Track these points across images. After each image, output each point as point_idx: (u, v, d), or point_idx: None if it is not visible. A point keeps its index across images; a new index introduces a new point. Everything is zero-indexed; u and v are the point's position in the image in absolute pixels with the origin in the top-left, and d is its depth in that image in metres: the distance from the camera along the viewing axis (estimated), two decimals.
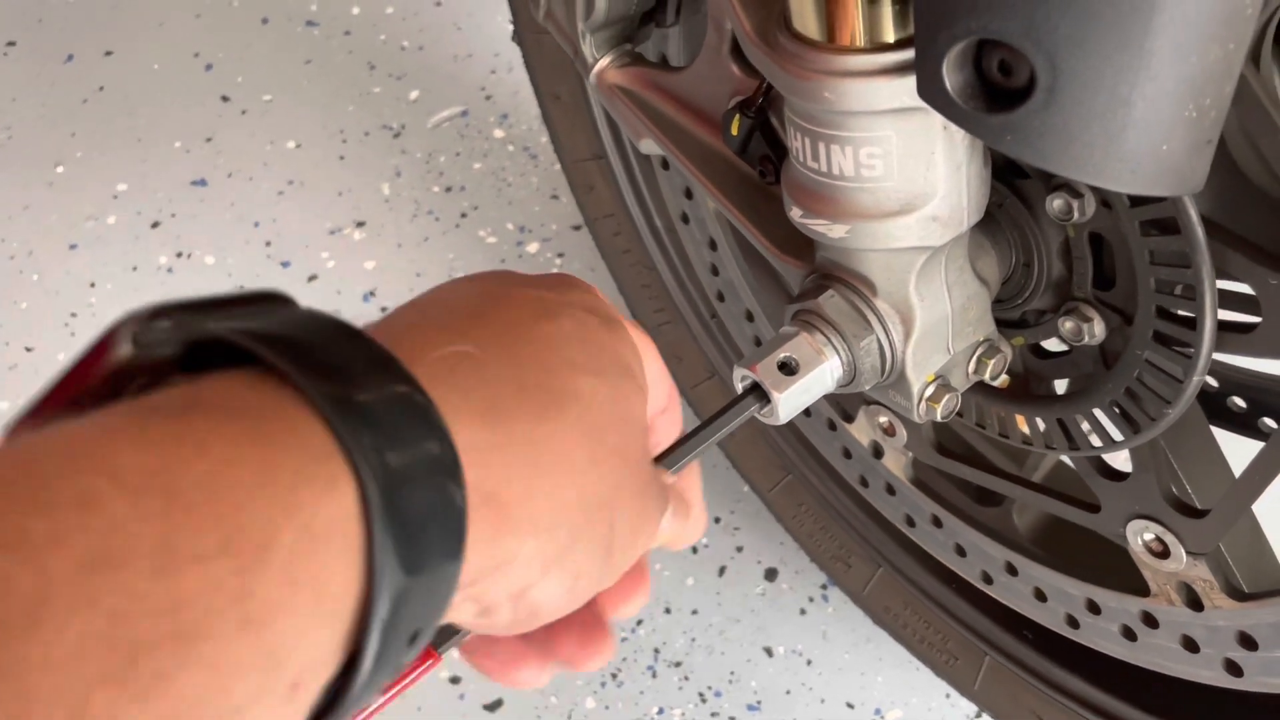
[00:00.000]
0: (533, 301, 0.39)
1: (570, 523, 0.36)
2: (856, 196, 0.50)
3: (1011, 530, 0.75)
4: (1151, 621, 0.66)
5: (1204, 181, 0.43)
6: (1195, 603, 0.62)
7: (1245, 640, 0.61)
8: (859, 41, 0.46)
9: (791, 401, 0.54)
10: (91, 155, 1.46)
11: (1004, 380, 0.65)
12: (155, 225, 1.39)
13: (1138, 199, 0.51)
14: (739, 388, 0.54)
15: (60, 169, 1.45)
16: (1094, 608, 0.69)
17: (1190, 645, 0.64)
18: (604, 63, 0.68)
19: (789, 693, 1.00)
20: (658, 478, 0.43)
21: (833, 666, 1.01)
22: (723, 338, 0.93)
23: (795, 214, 0.53)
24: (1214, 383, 0.79)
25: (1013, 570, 0.74)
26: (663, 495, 0.43)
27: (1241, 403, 0.79)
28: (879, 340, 0.55)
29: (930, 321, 0.55)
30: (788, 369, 0.54)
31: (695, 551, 1.08)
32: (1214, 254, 0.50)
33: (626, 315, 0.49)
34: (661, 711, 0.99)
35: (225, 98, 1.51)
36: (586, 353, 0.39)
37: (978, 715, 0.97)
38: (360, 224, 1.36)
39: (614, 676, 1.01)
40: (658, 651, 1.02)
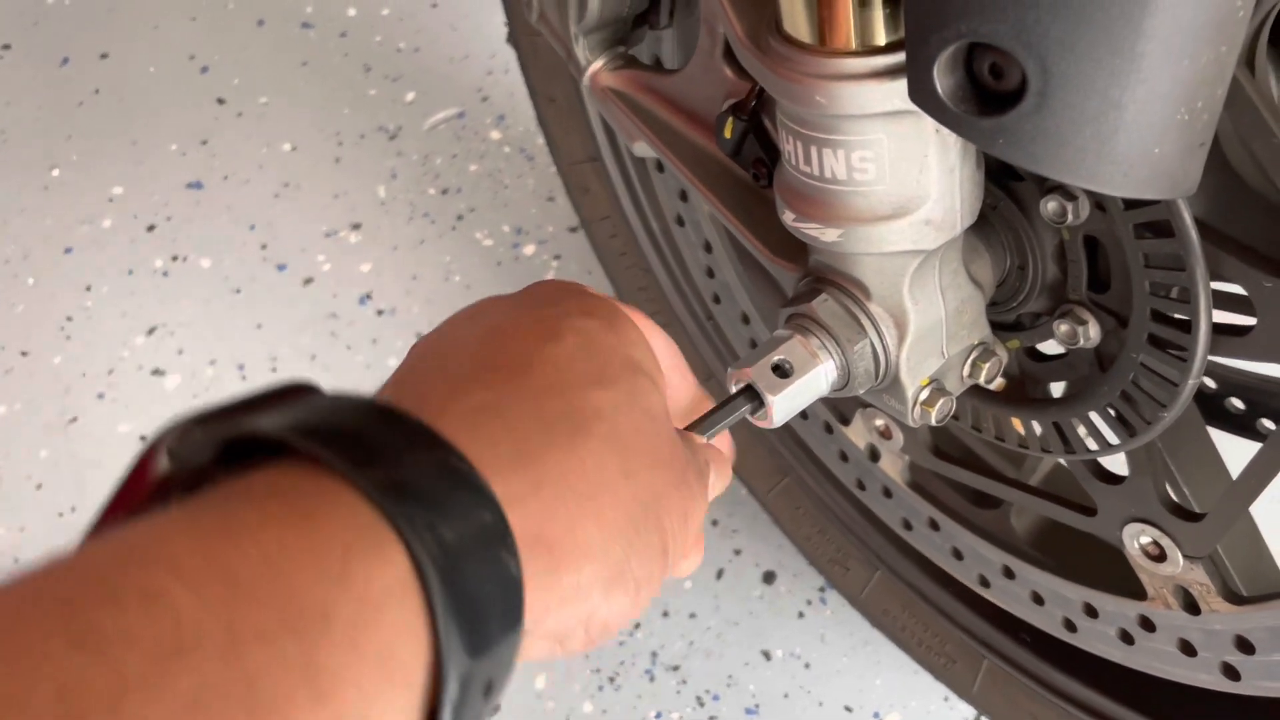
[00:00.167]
0: (534, 326, 0.40)
1: (621, 539, 0.37)
2: (849, 200, 0.50)
3: (1009, 533, 0.74)
4: (1148, 625, 0.65)
5: (1197, 184, 0.43)
6: (1192, 606, 0.62)
7: (1242, 644, 0.60)
8: (850, 44, 0.46)
9: (785, 405, 0.54)
10: (87, 158, 1.46)
11: (1000, 383, 0.65)
12: (151, 228, 1.38)
13: (1131, 202, 0.51)
14: (733, 390, 0.54)
15: (56, 172, 1.45)
16: (1091, 611, 0.69)
17: (1187, 649, 0.63)
18: (597, 65, 0.68)
19: (787, 696, 1.00)
20: (691, 450, 0.43)
21: (831, 669, 1.01)
22: (719, 340, 0.93)
23: (788, 218, 0.53)
24: (1212, 384, 0.79)
25: (1010, 574, 0.73)
26: (700, 464, 0.43)
27: (1240, 404, 0.78)
28: (873, 344, 0.54)
29: (924, 325, 0.55)
30: (781, 372, 0.54)
31: None
32: (1208, 257, 0.50)
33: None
34: (659, 715, 0.99)
35: (221, 100, 1.51)
36: (596, 364, 0.40)
37: (976, 718, 0.97)
38: (356, 226, 1.36)
39: (611, 680, 1.01)
40: (655, 655, 1.02)
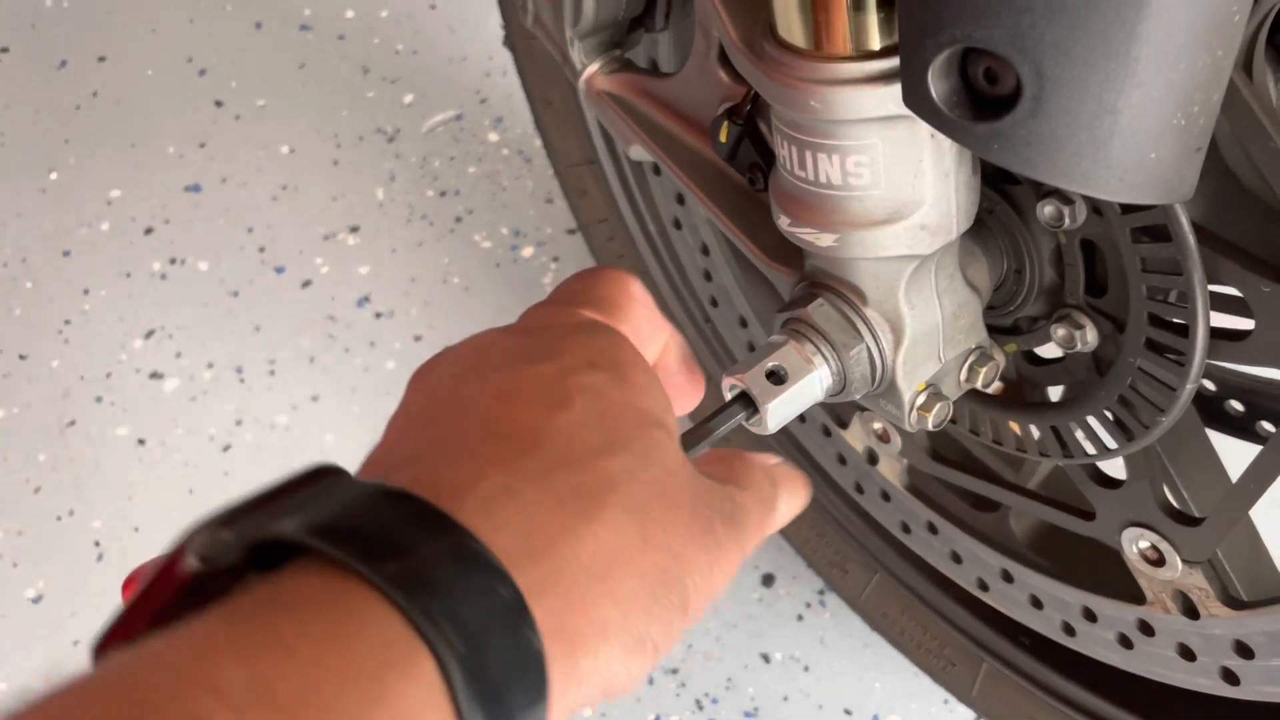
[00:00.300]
0: (543, 390, 0.39)
1: (640, 610, 0.36)
2: (844, 205, 0.50)
3: (1008, 536, 0.74)
4: (1148, 629, 0.65)
5: (1194, 189, 0.43)
6: (1191, 611, 0.62)
7: (1241, 649, 0.60)
8: (845, 49, 0.46)
9: (780, 411, 0.53)
10: (85, 161, 1.46)
11: (998, 387, 0.64)
12: (149, 231, 1.38)
13: (1128, 206, 0.51)
14: (727, 396, 0.54)
15: (54, 175, 1.45)
16: (1090, 615, 0.68)
17: (1187, 653, 0.63)
18: (592, 69, 0.67)
19: (786, 699, 1.00)
20: (721, 494, 0.42)
21: (830, 672, 1.01)
22: (717, 343, 0.93)
23: (783, 222, 0.53)
24: (1211, 386, 0.79)
25: (1008, 577, 0.73)
26: (730, 508, 0.42)
27: (1239, 406, 0.78)
28: (869, 349, 0.54)
29: (921, 330, 0.54)
30: (776, 378, 0.54)
31: None
32: (1206, 261, 0.50)
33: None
34: (658, 718, 0.98)
35: (219, 103, 1.51)
36: (606, 427, 0.39)
37: None
38: (354, 229, 1.36)
39: None
40: None
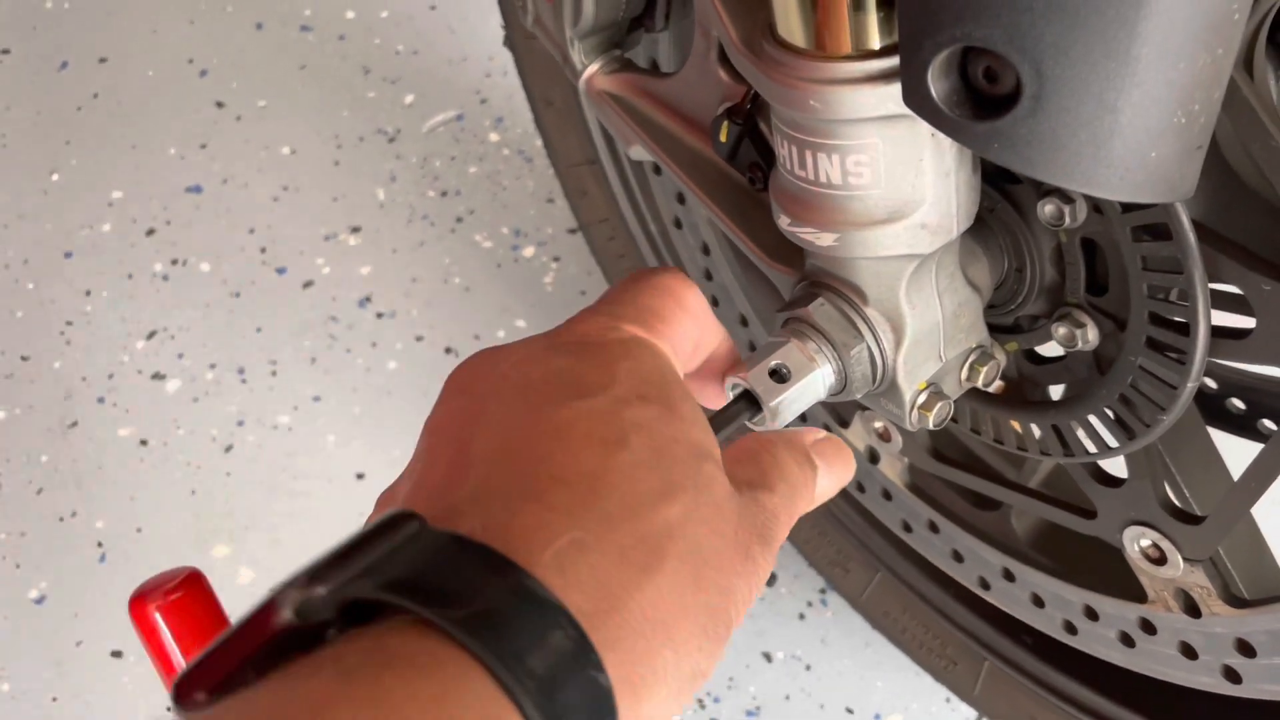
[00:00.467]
0: (594, 427, 0.39)
1: (695, 650, 0.37)
2: (844, 204, 0.50)
3: (1010, 535, 0.74)
4: (1149, 628, 0.65)
5: (1194, 188, 0.43)
6: (1193, 609, 0.62)
7: (1243, 647, 0.60)
8: (844, 49, 0.46)
9: (783, 409, 0.53)
10: (86, 162, 1.46)
11: (999, 386, 0.64)
12: (150, 232, 1.38)
13: (1129, 205, 0.50)
14: (730, 395, 0.54)
15: (55, 176, 1.45)
16: (1091, 614, 0.68)
17: (1188, 652, 0.63)
18: (593, 69, 0.67)
19: (788, 698, 1.00)
20: (754, 508, 0.42)
21: (832, 671, 1.01)
22: None
23: (784, 222, 0.53)
24: (1213, 384, 0.79)
25: (1010, 576, 0.73)
26: (762, 524, 0.42)
27: (1241, 404, 0.78)
28: (870, 348, 0.54)
29: (921, 329, 0.54)
30: (779, 376, 0.54)
31: None
32: (1207, 259, 0.50)
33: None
34: None
35: (220, 104, 1.51)
36: (662, 467, 0.39)
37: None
38: (355, 229, 1.36)
39: None
40: None
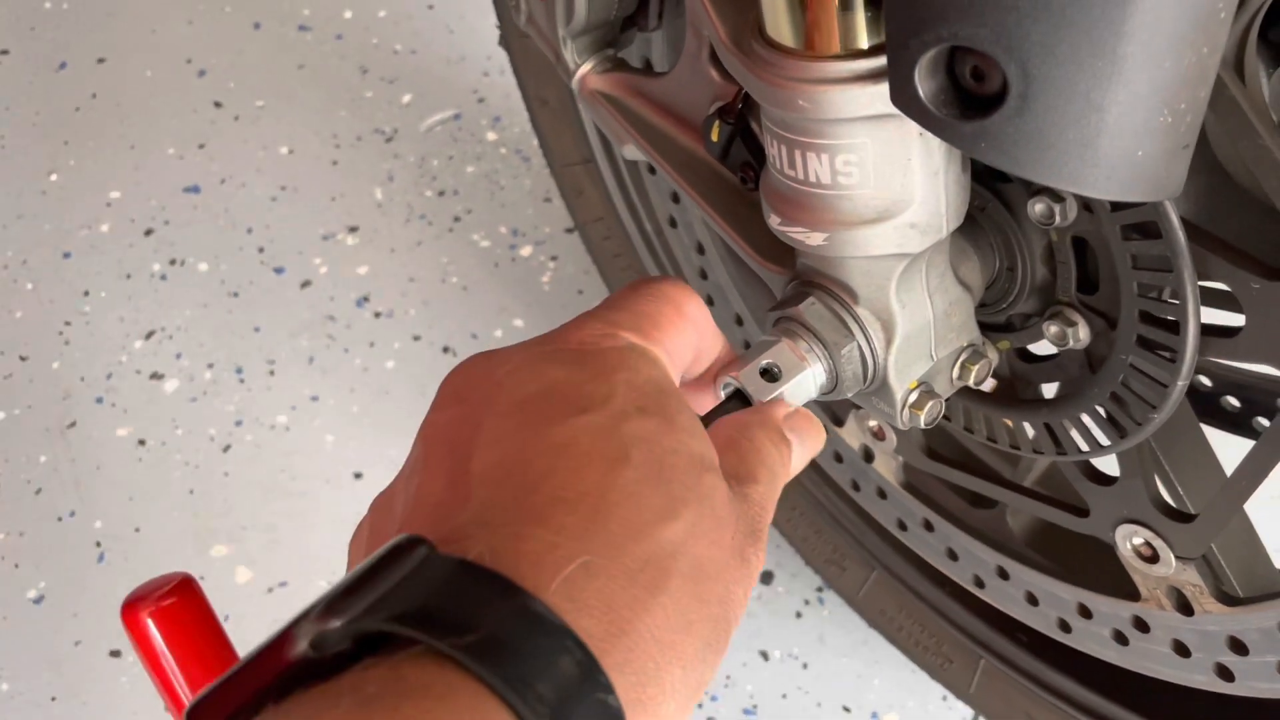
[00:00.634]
0: (596, 443, 0.39)
1: (699, 662, 0.38)
2: (834, 204, 0.50)
3: (1005, 533, 0.74)
4: (1142, 626, 0.65)
5: (1182, 186, 0.43)
6: (1186, 607, 0.62)
7: (1236, 645, 0.60)
8: (833, 48, 0.46)
9: None
10: (85, 163, 1.46)
11: (991, 384, 0.64)
12: (149, 232, 1.38)
13: (1118, 203, 0.51)
14: (721, 395, 0.54)
15: (54, 177, 1.45)
16: (1085, 612, 0.68)
17: (1181, 650, 0.63)
18: (585, 68, 0.67)
19: (785, 696, 1.00)
20: (743, 506, 0.43)
21: (829, 670, 1.01)
22: None
23: (774, 222, 0.53)
24: (1207, 382, 0.79)
25: (1004, 574, 0.73)
26: (751, 520, 0.43)
27: (1235, 402, 0.78)
28: (860, 347, 0.54)
29: (912, 328, 0.54)
30: (770, 376, 0.54)
31: None
32: (1196, 258, 0.50)
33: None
34: None
35: (218, 103, 1.51)
36: (664, 483, 0.39)
37: (974, 718, 0.97)
38: (353, 229, 1.36)
39: None
40: None
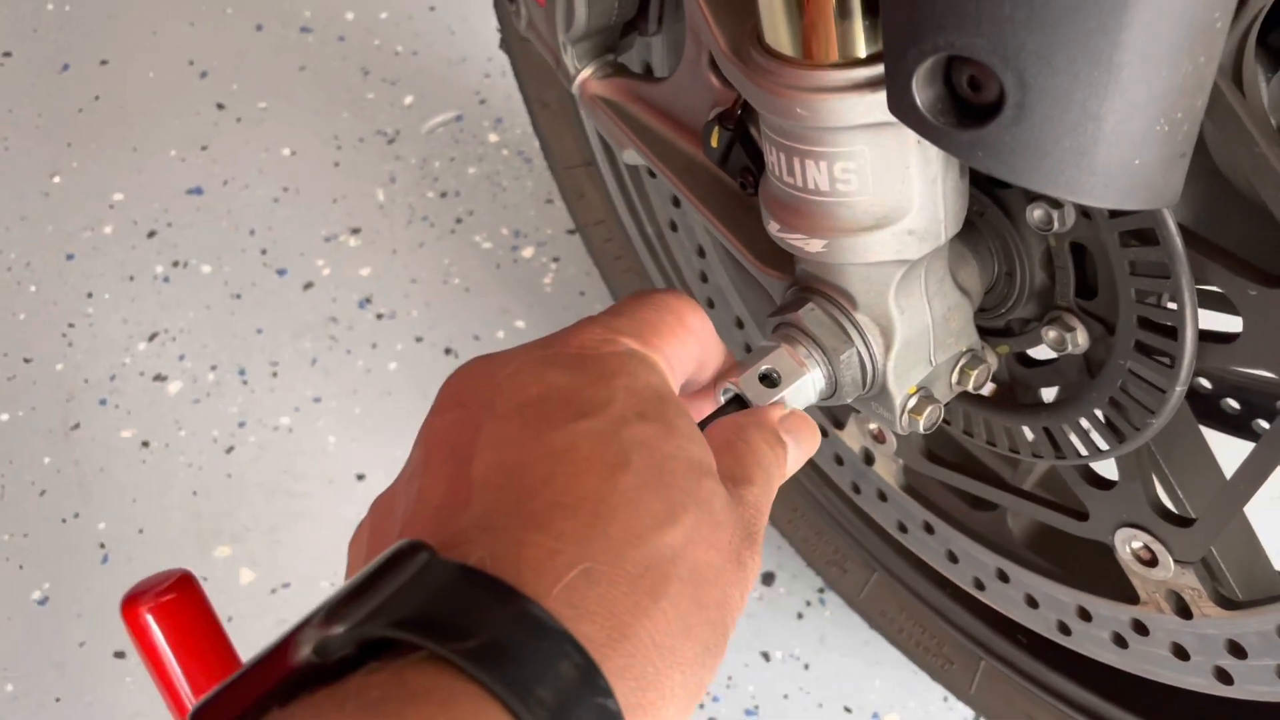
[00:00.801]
0: (596, 448, 0.40)
1: (699, 666, 0.38)
2: (832, 211, 0.50)
3: (1006, 535, 0.74)
4: (1142, 629, 0.65)
5: (1179, 194, 0.43)
6: (1184, 611, 0.62)
7: (1234, 648, 0.60)
8: (831, 57, 0.46)
9: None
10: (87, 165, 1.47)
11: (991, 388, 0.65)
12: (152, 234, 1.39)
13: (1116, 210, 0.51)
14: (721, 400, 0.54)
15: (57, 179, 1.46)
16: (1085, 615, 0.69)
17: (1180, 653, 0.63)
18: (586, 73, 0.68)
19: (787, 697, 1.00)
20: (739, 509, 0.43)
21: (830, 670, 1.01)
22: None
23: (773, 228, 0.53)
24: (1207, 384, 0.79)
25: (1004, 577, 0.73)
26: (747, 524, 0.43)
27: (1235, 404, 0.78)
28: (859, 353, 0.54)
29: (911, 334, 0.55)
30: (769, 381, 0.54)
31: None
32: (1194, 264, 0.50)
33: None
34: None
35: (220, 105, 1.51)
36: (664, 488, 0.40)
37: (975, 719, 0.97)
38: (355, 230, 1.36)
39: None
40: None
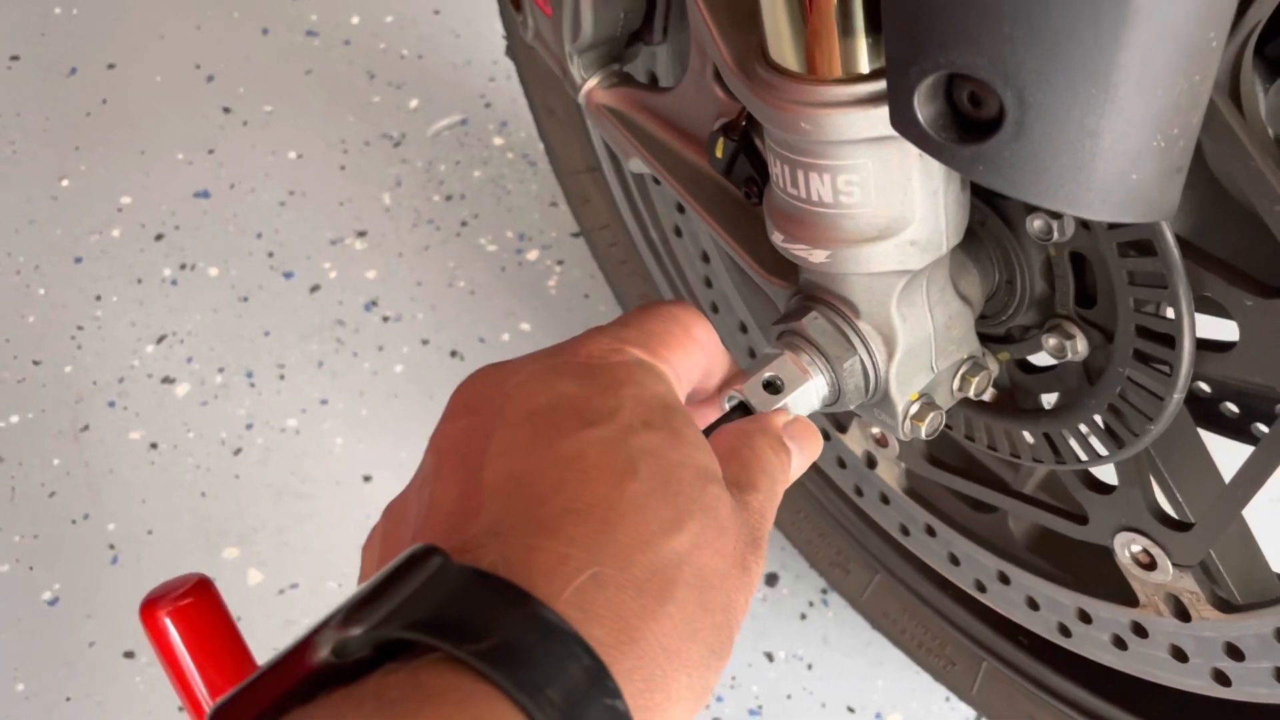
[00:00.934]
0: (604, 456, 0.40)
1: (704, 669, 0.39)
2: (836, 222, 0.51)
3: (1008, 538, 0.75)
4: (1141, 631, 0.66)
5: (1175, 207, 0.44)
6: (1183, 614, 0.63)
7: (1232, 651, 0.61)
8: (834, 73, 0.47)
9: None
10: (95, 168, 1.48)
11: (992, 394, 0.65)
12: (159, 237, 1.40)
13: (1114, 221, 0.51)
14: (725, 406, 0.55)
15: (65, 182, 1.47)
16: (1085, 617, 0.69)
17: (1179, 655, 0.64)
18: (592, 83, 0.69)
19: (790, 697, 1.01)
20: (744, 514, 0.43)
21: (833, 671, 1.02)
22: None
23: (777, 239, 0.54)
24: (1206, 388, 0.79)
25: (1005, 579, 0.74)
26: (753, 529, 0.43)
27: (1234, 408, 0.79)
28: (862, 361, 0.55)
29: (913, 342, 0.55)
30: (773, 388, 0.55)
31: None
32: (1191, 275, 0.51)
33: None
34: None
35: (227, 109, 1.52)
36: (670, 494, 0.40)
37: (977, 719, 0.98)
38: (361, 234, 1.37)
39: None
40: None
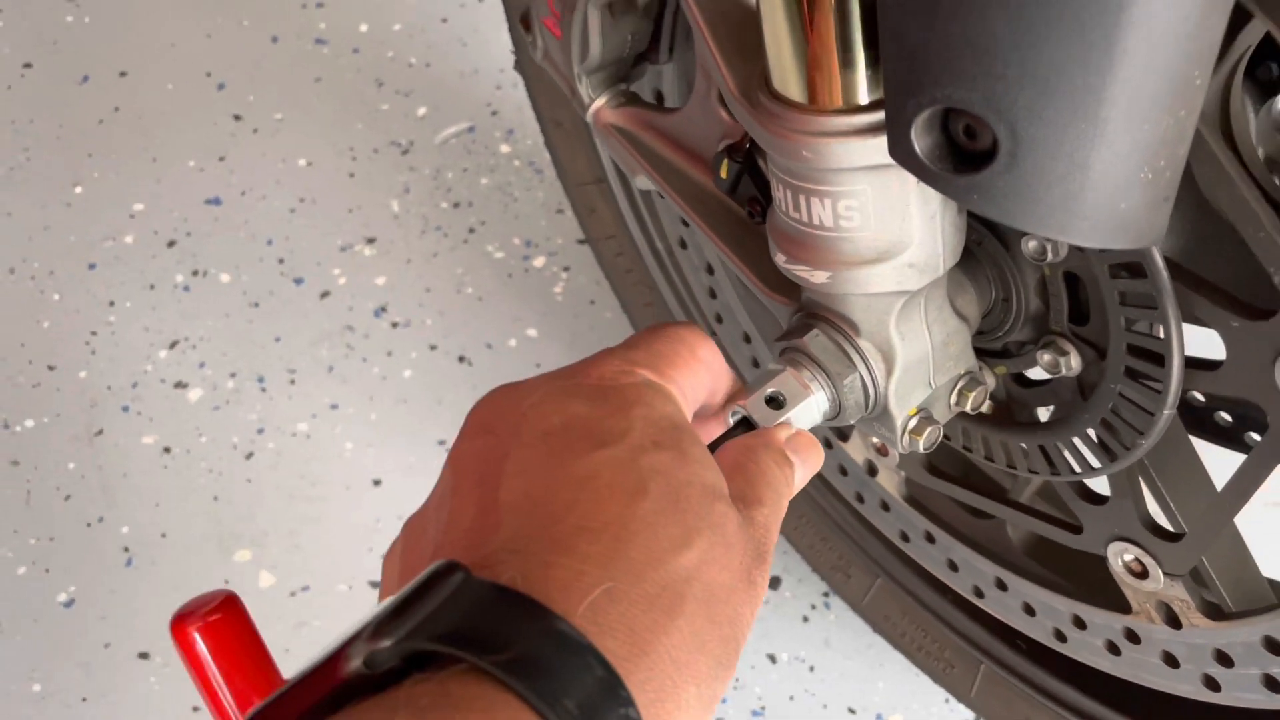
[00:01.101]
0: (616, 476, 0.42)
1: (713, 680, 0.40)
2: (836, 245, 0.53)
3: (1005, 545, 0.77)
4: (1133, 638, 0.68)
5: (1163, 234, 0.45)
6: (1174, 621, 0.65)
7: (1222, 658, 0.63)
8: (835, 103, 0.48)
9: None
10: (108, 175, 1.50)
11: (989, 407, 0.67)
12: (171, 244, 1.42)
13: None
14: (730, 421, 0.57)
15: (78, 189, 1.49)
16: (1080, 623, 0.71)
17: (1170, 661, 0.66)
18: (600, 103, 0.70)
19: (792, 699, 1.03)
20: (749, 529, 0.45)
21: (835, 673, 1.04)
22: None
23: (780, 260, 0.56)
24: (1200, 397, 0.81)
25: (1003, 585, 0.76)
26: (758, 544, 0.45)
27: (1227, 417, 0.80)
28: (862, 377, 0.57)
29: (911, 359, 0.57)
30: (775, 404, 0.57)
31: None
32: (1180, 296, 0.53)
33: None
34: None
35: (237, 116, 1.54)
36: (679, 513, 0.42)
37: None
38: (370, 240, 1.39)
39: None
40: None
